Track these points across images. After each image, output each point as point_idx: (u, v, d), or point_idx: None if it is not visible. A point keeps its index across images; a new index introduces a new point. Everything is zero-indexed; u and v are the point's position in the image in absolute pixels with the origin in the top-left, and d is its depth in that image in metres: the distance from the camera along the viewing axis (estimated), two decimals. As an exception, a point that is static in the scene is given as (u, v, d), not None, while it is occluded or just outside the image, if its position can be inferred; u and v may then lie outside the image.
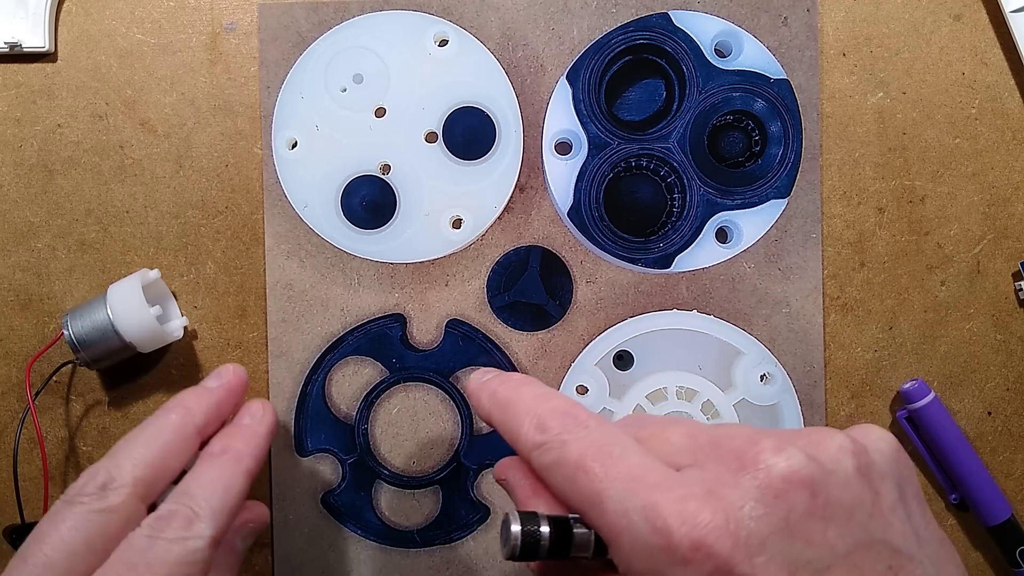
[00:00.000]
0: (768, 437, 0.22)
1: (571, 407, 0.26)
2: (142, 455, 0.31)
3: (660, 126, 0.51)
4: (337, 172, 0.51)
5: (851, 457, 0.22)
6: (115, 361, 0.50)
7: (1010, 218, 0.51)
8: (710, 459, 0.23)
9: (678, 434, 0.24)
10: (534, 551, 0.24)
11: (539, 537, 0.24)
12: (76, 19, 0.52)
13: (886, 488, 0.22)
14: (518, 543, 0.24)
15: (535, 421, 0.25)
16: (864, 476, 0.22)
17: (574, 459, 0.24)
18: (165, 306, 0.51)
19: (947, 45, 0.51)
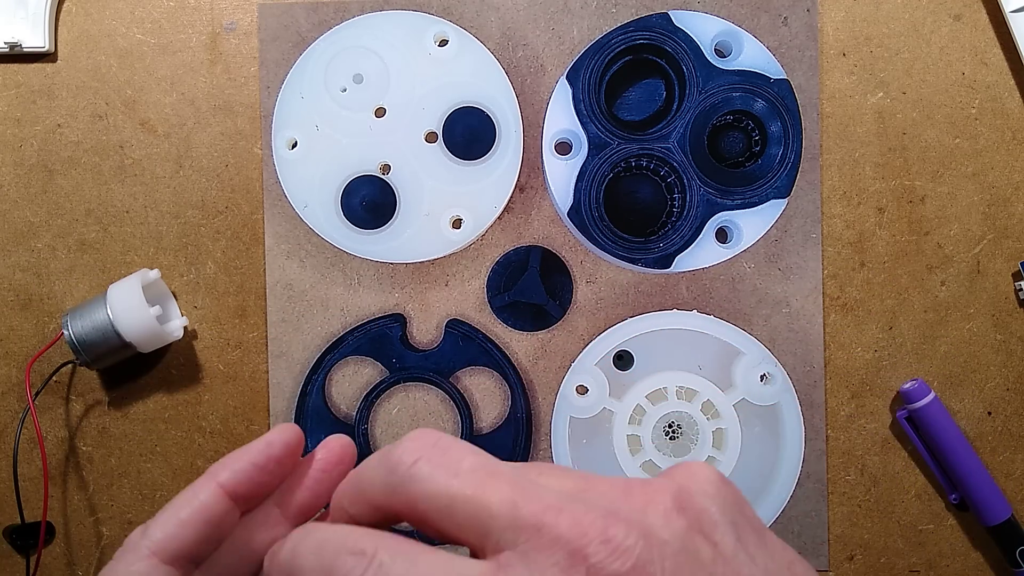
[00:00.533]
0: (592, 516, 0.21)
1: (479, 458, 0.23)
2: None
3: (660, 126, 0.51)
4: (337, 172, 0.51)
5: (679, 516, 0.21)
6: (115, 361, 0.50)
7: (1010, 218, 0.51)
8: (535, 549, 0.21)
9: (496, 503, 0.22)
10: None
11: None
12: (76, 19, 0.52)
13: (721, 535, 0.22)
14: None
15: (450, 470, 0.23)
16: (698, 532, 0.21)
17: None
18: (165, 306, 0.51)
19: (947, 45, 0.51)
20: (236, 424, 0.52)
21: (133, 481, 0.52)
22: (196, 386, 0.52)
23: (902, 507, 0.52)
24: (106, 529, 0.52)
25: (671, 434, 0.52)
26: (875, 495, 0.52)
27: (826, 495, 0.52)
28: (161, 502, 0.52)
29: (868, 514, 0.52)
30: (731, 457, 0.51)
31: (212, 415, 0.52)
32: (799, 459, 0.51)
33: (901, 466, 0.52)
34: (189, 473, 0.52)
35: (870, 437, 0.52)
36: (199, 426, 0.52)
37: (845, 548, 0.52)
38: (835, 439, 0.52)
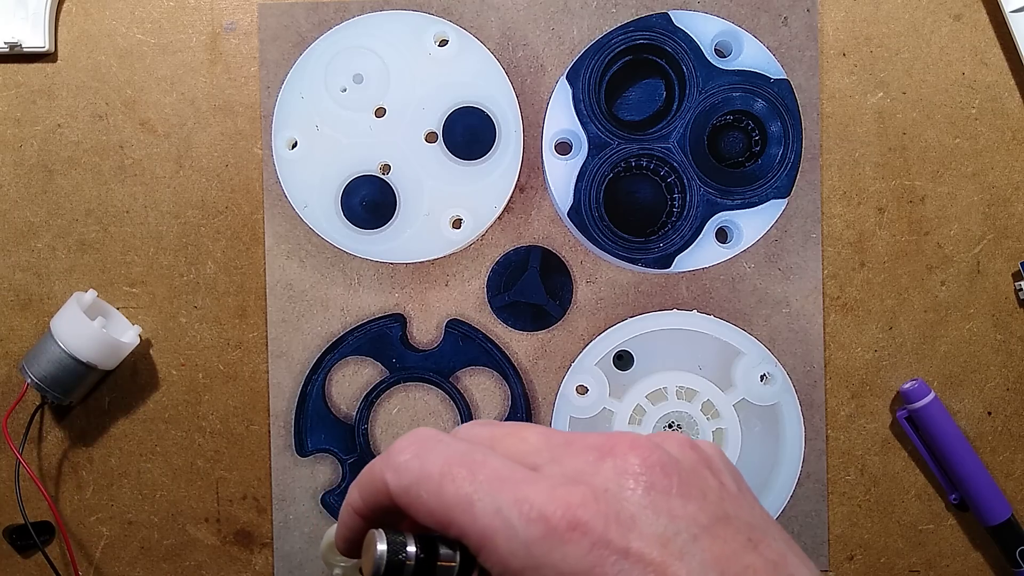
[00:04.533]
0: (619, 435, 0.24)
1: (419, 432, 0.26)
2: None
3: (660, 126, 0.51)
4: (337, 172, 0.51)
5: (692, 451, 0.25)
6: (87, 389, 0.51)
7: (1010, 218, 0.51)
8: (566, 455, 0.24)
9: (534, 434, 0.25)
10: (399, 571, 0.23)
11: (405, 556, 0.23)
12: (76, 19, 0.52)
13: (727, 479, 0.25)
14: (383, 562, 0.23)
15: (387, 455, 0.25)
16: (707, 467, 0.25)
17: (437, 470, 0.24)
18: (112, 322, 0.51)
19: (947, 45, 0.51)
20: (236, 424, 0.52)
21: (133, 481, 0.52)
22: (196, 386, 0.52)
23: (902, 507, 0.52)
24: (106, 529, 0.52)
25: (671, 434, 0.52)
26: (875, 495, 0.52)
27: (826, 495, 0.52)
28: (161, 502, 0.52)
29: (868, 514, 0.52)
30: (731, 457, 0.51)
31: (212, 415, 0.52)
32: (799, 459, 0.51)
33: (901, 466, 0.52)
34: (189, 473, 0.52)
35: (870, 437, 0.52)
36: (199, 426, 0.52)
37: (845, 548, 0.52)
38: (835, 439, 0.52)
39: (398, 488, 0.24)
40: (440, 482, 0.23)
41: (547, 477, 0.23)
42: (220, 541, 0.52)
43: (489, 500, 0.22)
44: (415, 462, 0.24)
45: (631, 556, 0.21)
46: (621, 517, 0.22)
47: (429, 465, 0.24)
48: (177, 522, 0.52)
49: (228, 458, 0.52)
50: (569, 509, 0.22)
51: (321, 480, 0.52)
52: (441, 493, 0.23)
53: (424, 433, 0.25)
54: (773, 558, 0.22)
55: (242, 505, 0.52)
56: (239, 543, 0.52)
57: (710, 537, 0.22)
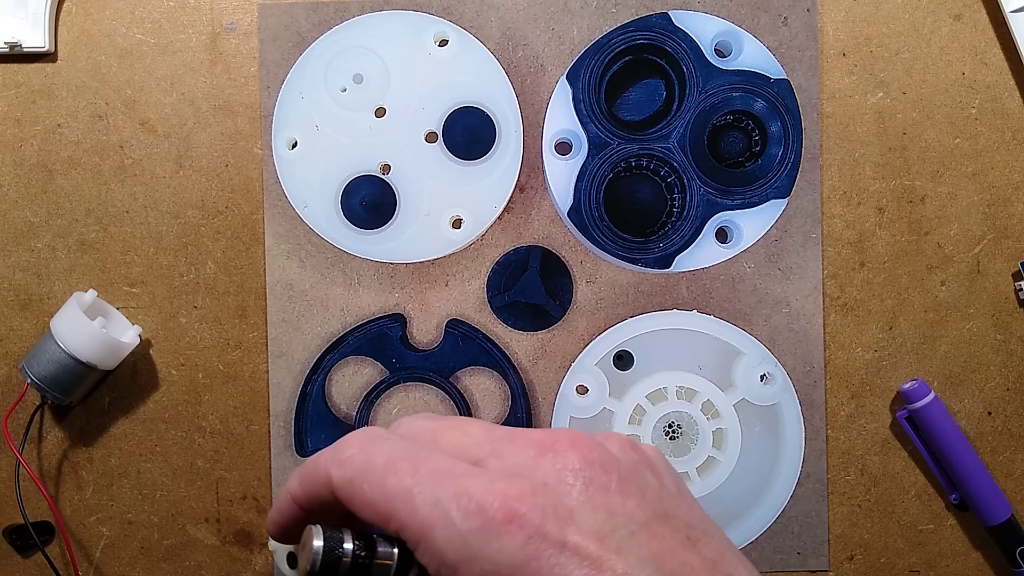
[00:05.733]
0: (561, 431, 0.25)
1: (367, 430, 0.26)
2: None
3: (660, 126, 0.51)
4: (337, 172, 0.51)
5: (633, 451, 0.25)
6: (87, 389, 0.50)
7: (1010, 218, 0.51)
8: (508, 450, 0.24)
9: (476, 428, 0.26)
10: (335, 568, 0.23)
11: (341, 553, 0.23)
12: (76, 19, 0.52)
13: (667, 480, 0.25)
14: (319, 557, 0.23)
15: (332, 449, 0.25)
16: (647, 467, 0.25)
17: (381, 463, 0.24)
18: (112, 322, 0.51)
19: (947, 45, 0.51)
20: (236, 424, 0.52)
21: (133, 481, 0.52)
22: (196, 386, 0.52)
23: (902, 507, 0.52)
24: (106, 529, 0.52)
25: (671, 434, 0.52)
26: (875, 495, 0.52)
27: (826, 495, 0.52)
28: (161, 502, 0.52)
29: (868, 514, 0.52)
30: (731, 457, 0.51)
31: (212, 415, 0.52)
32: (799, 459, 0.51)
33: (901, 466, 0.52)
34: (189, 473, 0.52)
35: (870, 437, 0.52)
36: (199, 426, 0.52)
37: (845, 548, 0.52)
38: (835, 439, 0.52)
39: (341, 480, 0.24)
40: (383, 475, 0.23)
41: (488, 471, 0.23)
42: (220, 541, 0.52)
43: (429, 492, 0.23)
44: (360, 456, 0.24)
45: (568, 549, 0.21)
46: (559, 511, 0.22)
47: (374, 459, 0.24)
48: (177, 522, 0.52)
49: (228, 458, 0.52)
50: (507, 501, 0.22)
51: (321, 480, 0.52)
52: (383, 485, 0.23)
53: (372, 431, 0.25)
54: (712, 556, 0.22)
55: (242, 505, 0.52)
56: (239, 543, 0.52)
57: (648, 533, 0.22)
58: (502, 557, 0.21)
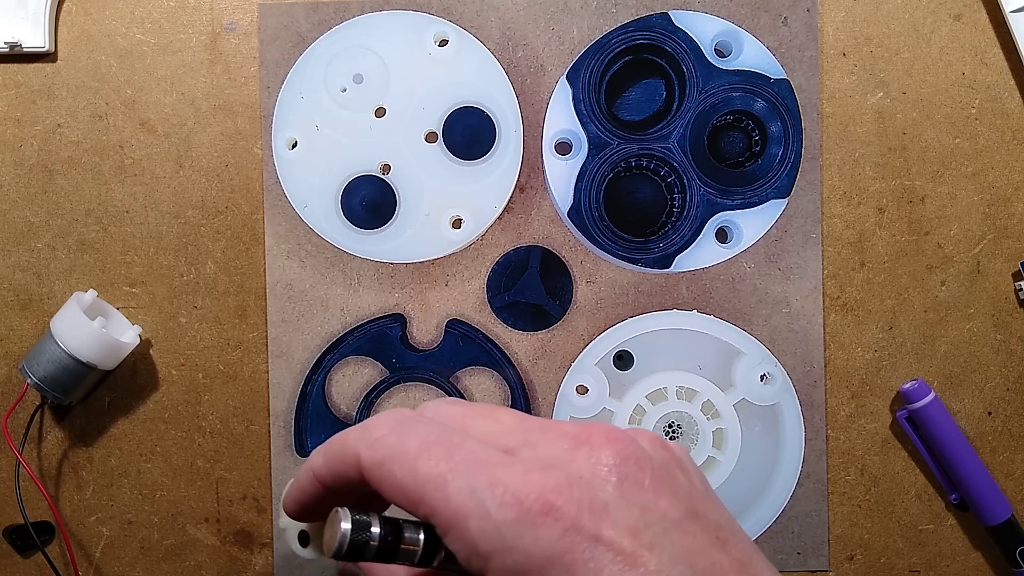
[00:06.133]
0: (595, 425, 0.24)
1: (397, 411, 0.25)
2: None
3: (660, 126, 0.51)
4: (337, 172, 0.51)
5: (663, 449, 0.25)
6: (87, 389, 0.50)
7: (1010, 218, 0.51)
8: (541, 440, 0.24)
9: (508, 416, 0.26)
10: (361, 551, 0.23)
11: (368, 537, 0.23)
12: (76, 19, 0.52)
13: (695, 479, 0.25)
14: (346, 540, 0.23)
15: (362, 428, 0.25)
16: (677, 466, 0.25)
17: (414, 447, 0.23)
18: (112, 321, 0.51)
19: (947, 45, 0.51)
20: (236, 424, 0.52)
21: (133, 481, 0.52)
22: (196, 386, 0.52)
23: (902, 507, 0.52)
24: (106, 529, 0.52)
25: (671, 434, 0.52)
26: (875, 495, 0.52)
27: (826, 495, 0.52)
28: (161, 502, 0.52)
29: (868, 514, 0.52)
30: (731, 457, 0.51)
31: (212, 415, 0.52)
32: (799, 459, 0.51)
33: (901, 466, 0.52)
34: (189, 473, 0.52)
35: (870, 437, 0.52)
36: (199, 426, 0.52)
37: (845, 548, 0.52)
38: (835, 439, 0.52)
39: (371, 462, 0.24)
40: (415, 459, 0.23)
41: (522, 461, 0.23)
42: (220, 541, 0.52)
43: (464, 480, 0.22)
44: (392, 438, 0.24)
45: (602, 543, 0.21)
46: (594, 505, 0.22)
47: (406, 442, 0.24)
48: (177, 522, 0.52)
49: (228, 458, 0.52)
50: (543, 493, 0.22)
51: (321, 480, 0.52)
52: (415, 470, 0.23)
53: (403, 413, 0.25)
54: (740, 557, 0.22)
55: (242, 505, 0.52)
56: (239, 543, 0.52)
57: (680, 532, 0.22)
58: (537, 549, 0.21)
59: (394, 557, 0.23)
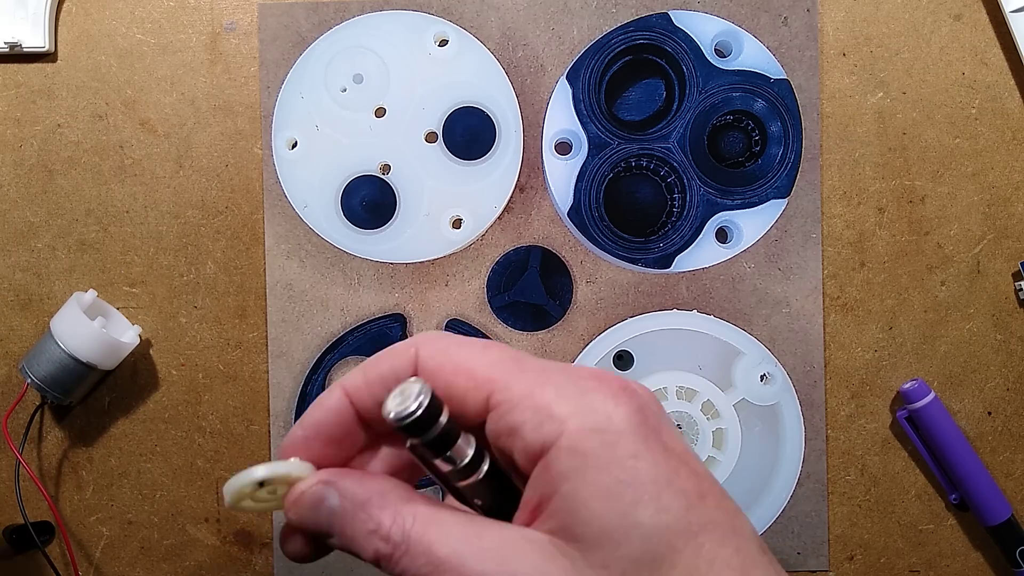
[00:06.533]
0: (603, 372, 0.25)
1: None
2: None
3: (660, 126, 0.51)
4: (337, 172, 0.51)
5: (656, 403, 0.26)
6: (87, 389, 0.51)
7: (1010, 218, 0.51)
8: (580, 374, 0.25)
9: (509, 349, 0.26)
10: (424, 427, 0.23)
11: (438, 412, 0.23)
12: (76, 19, 0.52)
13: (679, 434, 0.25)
14: (423, 406, 0.22)
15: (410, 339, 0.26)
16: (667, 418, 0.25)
17: (477, 341, 0.25)
18: (112, 321, 0.51)
19: (947, 45, 0.51)
20: (236, 424, 0.52)
21: (133, 481, 0.52)
22: (196, 386, 0.52)
23: (902, 507, 0.52)
24: (106, 529, 0.52)
25: (671, 434, 0.52)
26: (875, 495, 0.52)
27: (826, 495, 0.52)
28: (161, 502, 0.52)
29: (868, 514, 0.52)
30: (731, 457, 0.51)
31: (212, 415, 0.52)
32: (799, 459, 0.51)
33: (901, 466, 0.52)
34: (189, 473, 0.52)
35: (870, 437, 0.52)
36: (199, 426, 0.52)
37: (845, 548, 0.52)
38: (835, 439, 0.52)
39: (433, 349, 0.24)
40: (482, 346, 0.24)
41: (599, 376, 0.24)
42: (220, 541, 0.52)
43: (536, 361, 0.23)
44: (449, 336, 0.24)
45: (663, 436, 0.23)
46: (648, 409, 0.23)
47: (464, 338, 0.24)
48: (177, 522, 0.52)
49: (228, 458, 0.52)
50: (620, 379, 0.23)
51: (321, 480, 0.52)
52: (486, 350, 0.23)
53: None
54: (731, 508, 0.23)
55: (242, 505, 0.52)
56: (239, 543, 0.52)
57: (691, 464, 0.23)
58: (618, 415, 0.22)
59: (444, 447, 0.23)
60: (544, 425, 0.22)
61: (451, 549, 0.22)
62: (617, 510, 0.22)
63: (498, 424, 0.23)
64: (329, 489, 0.24)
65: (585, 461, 0.22)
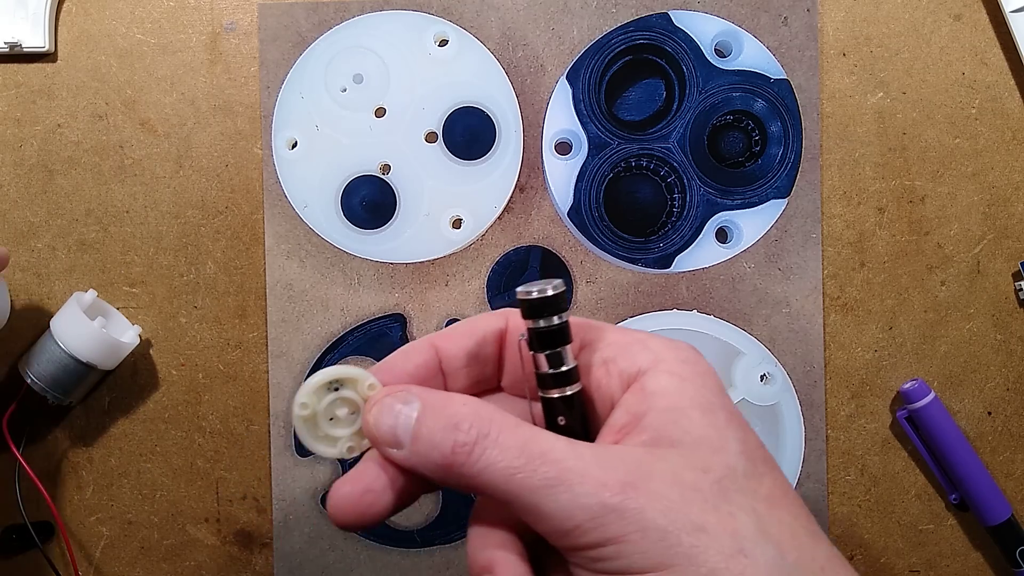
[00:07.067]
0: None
1: None
2: None
3: (660, 126, 0.51)
4: (337, 172, 0.51)
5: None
6: (87, 389, 0.51)
7: (1010, 218, 0.51)
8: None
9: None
10: (556, 308, 0.25)
11: (566, 306, 0.25)
12: (76, 19, 0.52)
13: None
14: (559, 289, 0.25)
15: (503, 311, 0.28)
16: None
17: None
18: (112, 321, 0.51)
19: (947, 45, 0.51)
20: (236, 424, 0.52)
21: (133, 481, 0.52)
22: (196, 386, 0.52)
23: (902, 507, 0.52)
24: (106, 529, 0.52)
25: (671, 434, 0.52)
26: (875, 495, 0.52)
27: (826, 495, 0.52)
28: (161, 502, 0.52)
29: (868, 514, 0.52)
30: (731, 457, 0.51)
31: (212, 415, 0.52)
32: (799, 459, 0.51)
33: (901, 466, 0.52)
34: (189, 473, 0.52)
35: (870, 437, 0.52)
36: (199, 426, 0.52)
37: (845, 548, 0.52)
38: (835, 439, 0.52)
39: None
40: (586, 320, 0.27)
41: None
42: (220, 541, 0.52)
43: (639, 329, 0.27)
44: None
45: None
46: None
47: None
48: (177, 522, 0.52)
49: (228, 458, 0.52)
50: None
51: (321, 480, 0.52)
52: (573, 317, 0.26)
53: None
54: None
55: (242, 505, 0.52)
56: (239, 543, 0.52)
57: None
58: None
59: (555, 345, 0.25)
60: (640, 355, 0.25)
61: (549, 445, 0.23)
62: (714, 424, 0.24)
63: (591, 357, 0.26)
64: (409, 394, 0.25)
65: (683, 381, 0.25)
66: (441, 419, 0.24)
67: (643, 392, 0.25)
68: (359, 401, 0.26)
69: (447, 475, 0.24)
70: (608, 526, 0.22)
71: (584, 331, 0.26)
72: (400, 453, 0.25)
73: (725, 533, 0.22)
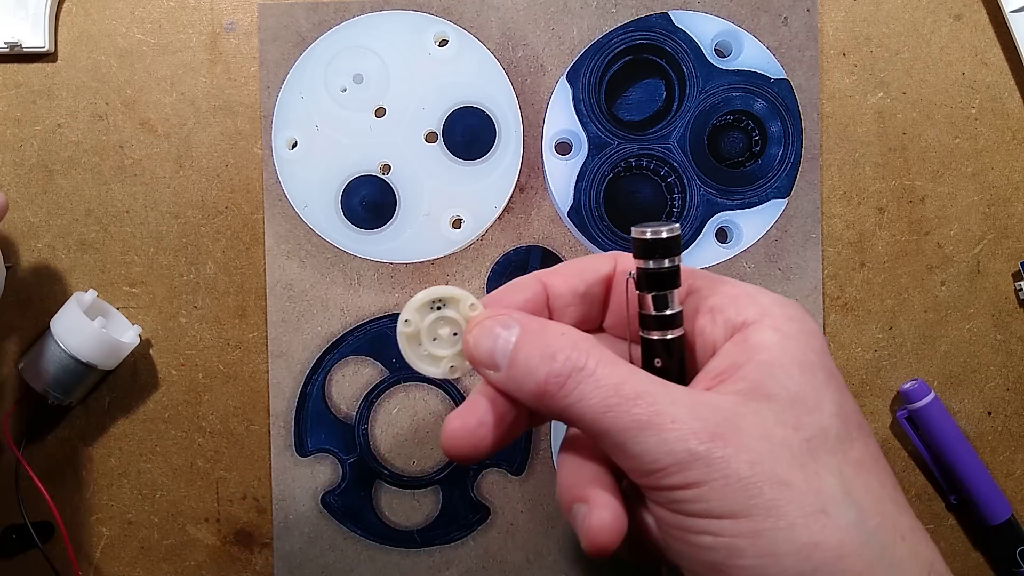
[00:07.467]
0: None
1: None
2: None
3: (660, 126, 0.51)
4: (337, 172, 0.51)
5: None
6: (87, 389, 0.50)
7: (1010, 218, 0.51)
8: None
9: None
10: (670, 250, 0.26)
11: (679, 249, 0.26)
12: (76, 19, 0.52)
13: None
14: (675, 232, 0.25)
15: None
16: None
17: None
18: (112, 321, 0.51)
19: (947, 45, 0.51)
20: (236, 424, 0.52)
21: (133, 481, 0.52)
22: (196, 386, 0.52)
23: (902, 507, 0.52)
24: (106, 529, 0.52)
25: (671, 434, 0.52)
26: (875, 495, 0.52)
27: (826, 495, 0.51)
28: (161, 502, 0.52)
29: (868, 514, 0.52)
30: (731, 457, 0.51)
31: (212, 415, 0.52)
32: (799, 459, 0.51)
33: (901, 466, 0.52)
34: (189, 473, 0.52)
35: (870, 437, 0.52)
36: (199, 426, 0.52)
37: (845, 548, 0.52)
38: (835, 439, 0.52)
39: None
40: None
41: None
42: (220, 541, 0.52)
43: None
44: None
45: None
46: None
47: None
48: (177, 522, 0.52)
49: (228, 458, 0.52)
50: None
51: (321, 480, 0.52)
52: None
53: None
54: None
55: (242, 505, 0.52)
56: (239, 543, 0.52)
57: None
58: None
59: (664, 286, 0.26)
60: (748, 307, 0.25)
61: (643, 387, 0.23)
62: (812, 384, 0.24)
63: (698, 304, 0.26)
64: (510, 318, 0.25)
65: (786, 337, 0.24)
66: (539, 346, 0.24)
67: (745, 343, 0.25)
68: (461, 322, 0.26)
69: (540, 403, 0.24)
70: (692, 471, 0.22)
71: (694, 278, 0.27)
72: (497, 376, 0.25)
73: (809, 491, 0.22)
